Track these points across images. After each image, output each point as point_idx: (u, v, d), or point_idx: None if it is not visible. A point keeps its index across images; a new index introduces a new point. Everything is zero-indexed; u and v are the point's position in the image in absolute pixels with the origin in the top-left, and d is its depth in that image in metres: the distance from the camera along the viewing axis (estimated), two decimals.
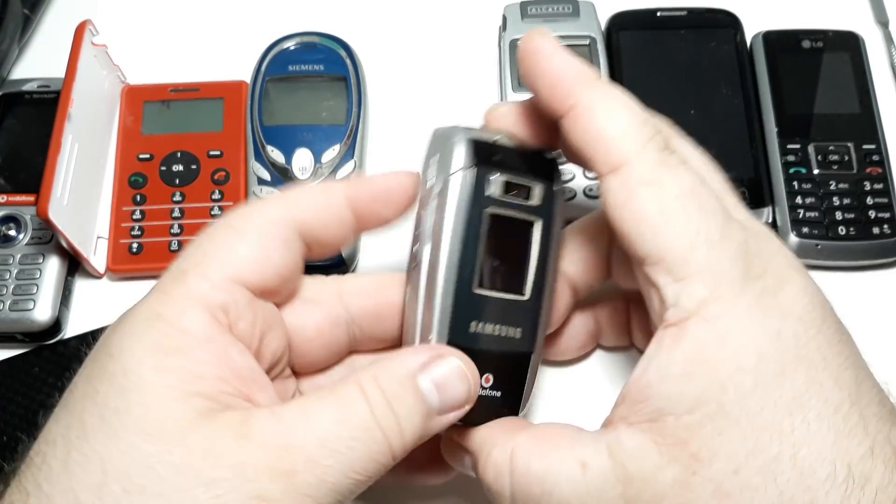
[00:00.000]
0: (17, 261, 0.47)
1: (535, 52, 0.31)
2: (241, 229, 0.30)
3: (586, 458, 0.28)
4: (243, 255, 0.29)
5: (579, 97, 0.30)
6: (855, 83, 0.51)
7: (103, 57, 0.51)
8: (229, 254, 0.29)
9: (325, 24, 0.54)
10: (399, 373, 0.28)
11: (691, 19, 0.54)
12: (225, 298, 0.28)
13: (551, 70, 0.30)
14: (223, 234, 0.30)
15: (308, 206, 0.31)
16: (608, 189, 0.29)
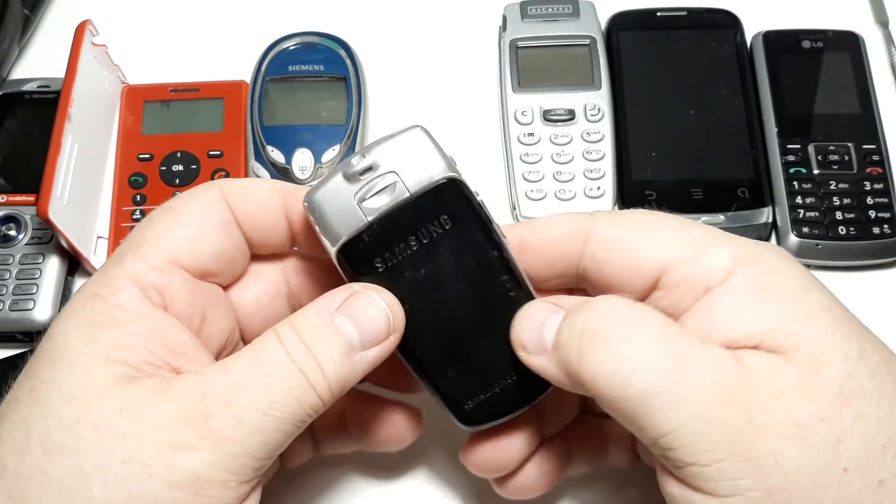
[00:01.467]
0: (17, 260, 0.47)
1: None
2: (179, 211, 0.30)
3: (705, 340, 0.27)
4: (180, 237, 0.30)
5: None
6: (855, 83, 0.51)
7: (103, 57, 0.51)
8: (166, 236, 0.30)
9: (325, 24, 0.54)
10: (314, 314, 0.28)
11: (691, 19, 0.54)
12: (160, 279, 0.29)
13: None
14: (162, 217, 0.30)
15: (244, 198, 0.31)
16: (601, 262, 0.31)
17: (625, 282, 0.30)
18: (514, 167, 0.49)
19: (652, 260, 0.29)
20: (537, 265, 0.32)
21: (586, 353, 0.27)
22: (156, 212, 0.31)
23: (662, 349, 0.26)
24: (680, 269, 0.29)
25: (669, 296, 0.29)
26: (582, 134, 0.50)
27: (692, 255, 0.29)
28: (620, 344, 0.27)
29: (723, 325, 0.27)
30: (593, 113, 0.50)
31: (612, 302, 0.28)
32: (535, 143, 0.50)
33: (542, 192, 0.49)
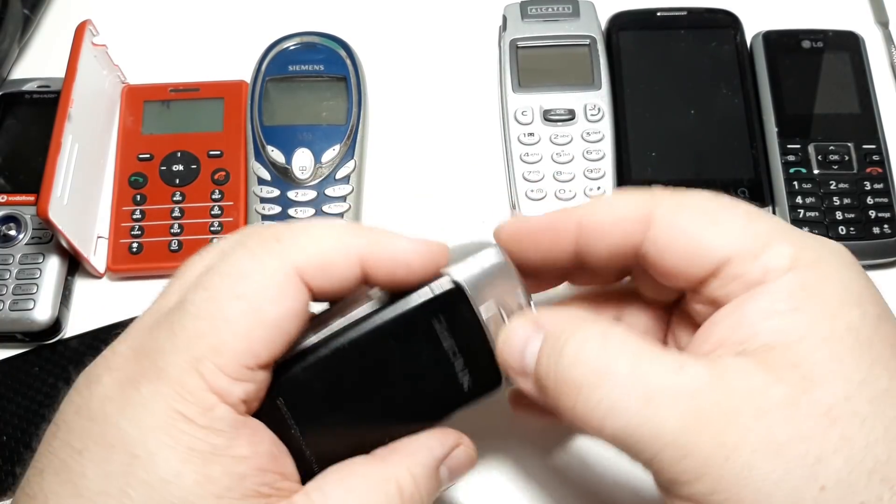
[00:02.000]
0: (17, 260, 0.47)
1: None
2: (256, 304, 0.27)
3: (684, 362, 0.27)
4: (260, 337, 0.27)
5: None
6: (855, 83, 0.51)
7: (103, 57, 0.51)
8: (245, 338, 0.26)
9: (325, 24, 0.54)
10: (427, 465, 0.31)
11: (691, 19, 0.54)
12: (244, 389, 0.27)
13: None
14: (235, 310, 0.27)
15: (324, 275, 0.28)
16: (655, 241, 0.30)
17: (684, 270, 0.30)
18: (514, 167, 0.49)
19: (715, 251, 0.29)
20: (597, 249, 0.31)
21: (561, 396, 0.28)
22: (223, 297, 0.27)
23: (632, 390, 0.26)
24: (740, 264, 0.28)
25: (726, 287, 0.29)
26: (582, 134, 0.50)
27: (754, 250, 0.28)
28: (591, 390, 0.27)
29: (749, 324, 0.27)
30: (593, 113, 0.50)
31: (582, 342, 0.28)
32: (536, 143, 0.50)
33: (542, 192, 0.49)
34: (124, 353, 0.27)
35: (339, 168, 0.49)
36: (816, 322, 0.27)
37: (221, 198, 0.49)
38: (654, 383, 0.26)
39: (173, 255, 0.48)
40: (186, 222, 0.49)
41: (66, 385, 0.45)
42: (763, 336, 0.27)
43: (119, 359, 0.27)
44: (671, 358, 0.27)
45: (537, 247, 0.32)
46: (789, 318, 0.27)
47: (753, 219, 0.29)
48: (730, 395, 0.26)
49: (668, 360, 0.27)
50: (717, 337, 0.28)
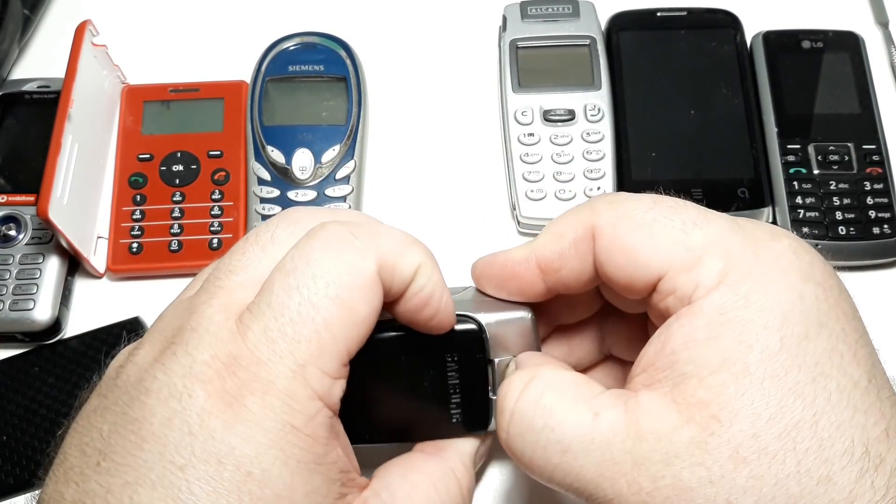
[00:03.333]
0: (17, 260, 0.47)
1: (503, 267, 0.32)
2: (351, 306, 0.26)
3: (600, 409, 0.27)
4: (355, 335, 0.27)
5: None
6: (855, 83, 0.51)
7: (103, 57, 0.51)
8: (343, 339, 0.26)
9: (325, 25, 0.54)
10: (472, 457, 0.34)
11: (691, 19, 0.54)
12: (340, 386, 0.27)
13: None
14: (333, 313, 0.26)
15: (389, 258, 0.28)
16: (601, 253, 0.30)
17: (627, 284, 0.29)
18: (514, 167, 0.49)
19: (649, 265, 0.28)
20: (564, 279, 0.31)
21: (510, 449, 0.29)
22: (318, 300, 0.26)
23: (549, 444, 0.27)
24: (673, 278, 0.28)
25: (664, 301, 0.29)
26: (582, 134, 0.50)
27: (687, 264, 0.28)
28: (515, 440, 0.29)
29: (670, 351, 0.27)
30: (593, 113, 0.50)
31: (504, 393, 0.29)
32: (535, 144, 0.50)
33: (542, 193, 0.49)
34: (211, 362, 0.25)
35: (339, 168, 0.49)
36: (730, 354, 0.26)
37: (221, 198, 0.49)
38: (569, 435, 0.27)
39: (173, 255, 0.48)
40: (186, 222, 0.49)
41: (65, 384, 0.45)
42: (680, 366, 0.27)
43: (208, 369, 0.25)
44: (588, 405, 0.28)
45: (507, 291, 0.33)
46: (705, 349, 0.26)
47: (689, 228, 0.28)
48: (641, 440, 0.26)
49: (584, 408, 0.27)
50: (645, 360, 0.28)
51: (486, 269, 0.33)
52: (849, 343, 0.26)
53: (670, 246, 0.28)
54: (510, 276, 0.32)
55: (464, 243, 0.49)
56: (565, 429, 0.27)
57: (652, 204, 0.29)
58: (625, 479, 0.26)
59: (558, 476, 0.27)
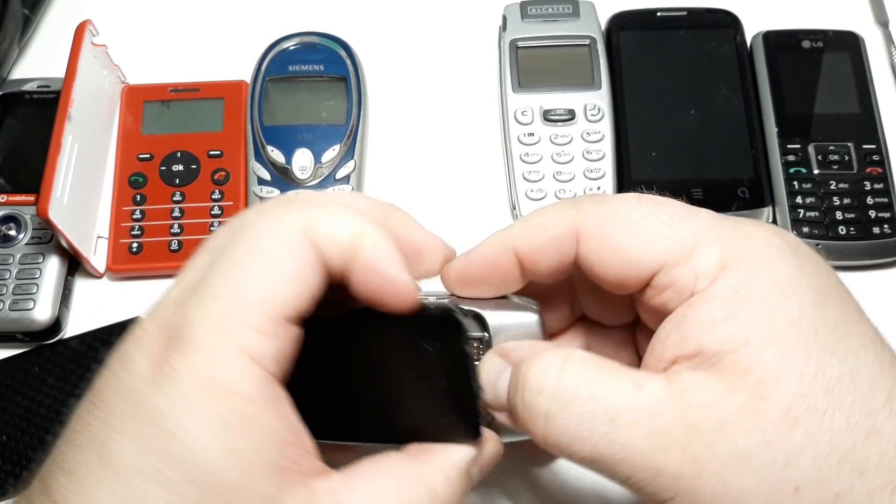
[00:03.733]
0: (17, 260, 0.47)
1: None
2: (267, 253, 0.26)
3: (643, 381, 0.27)
4: (280, 287, 0.26)
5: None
6: (855, 83, 0.51)
7: (103, 57, 0.51)
8: (266, 288, 0.26)
9: (325, 25, 0.54)
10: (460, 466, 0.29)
11: (691, 19, 0.54)
12: (276, 346, 0.26)
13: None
14: (251, 262, 0.26)
15: (321, 220, 0.28)
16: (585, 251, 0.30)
17: (618, 282, 0.30)
18: (514, 167, 0.49)
19: (641, 262, 0.29)
20: (540, 272, 0.31)
21: (531, 426, 0.28)
22: (235, 252, 0.26)
23: (596, 414, 0.27)
24: (669, 272, 0.28)
25: (660, 296, 0.29)
26: (582, 134, 0.50)
27: (680, 257, 0.28)
28: (556, 417, 0.27)
29: (694, 338, 0.27)
30: (593, 113, 0.50)
31: (543, 369, 0.28)
32: (536, 143, 0.50)
33: (542, 192, 0.49)
34: (152, 330, 0.26)
35: (339, 168, 0.49)
36: (756, 324, 0.26)
37: (221, 198, 0.49)
38: (616, 404, 0.27)
39: (173, 255, 0.48)
40: (186, 222, 0.49)
41: (65, 384, 0.45)
42: (709, 347, 0.27)
43: (148, 337, 0.26)
44: (630, 377, 0.27)
45: (488, 284, 0.32)
46: (730, 325, 0.27)
47: (677, 222, 0.29)
48: (690, 409, 0.26)
49: (627, 380, 0.27)
50: (667, 354, 0.28)
51: (465, 268, 0.32)
52: (853, 307, 0.27)
53: (661, 241, 0.28)
54: (491, 268, 0.32)
55: (464, 243, 0.49)
56: (613, 397, 0.27)
57: (637, 202, 0.30)
58: (678, 447, 0.26)
59: (603, 447, 0.26)
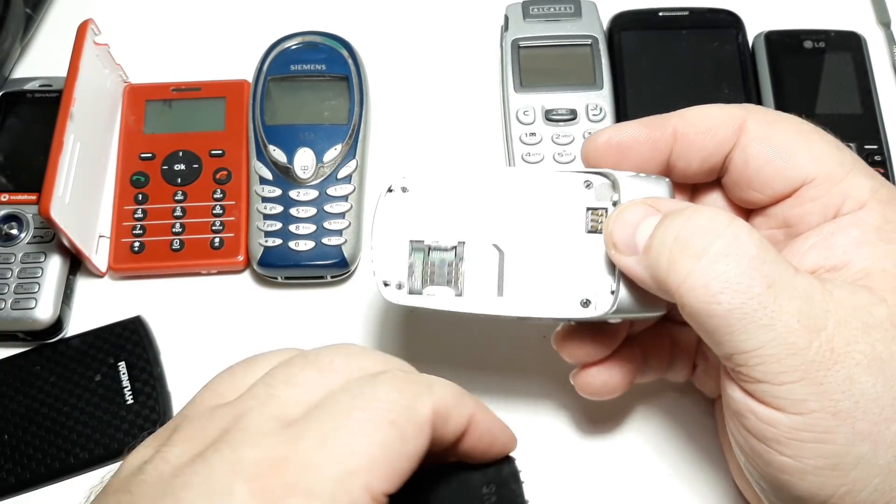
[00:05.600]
0: (18, 259, 0.47)
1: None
2: (402, 430, 0.25)
3: (798, 269, 0.28)
4: (399, 467, 0.25)
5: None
6: (857, 83, 0.51)
7: (105, 56, 0.51)
8: (390, 464, 0.25)
9: (327, 24, 0.54)
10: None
11: (693, 19, 0.54)
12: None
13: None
14: (389, 436, 0.25)
15: (442, 404, 0.27)
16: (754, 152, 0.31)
17: (766, 182, 0.30)
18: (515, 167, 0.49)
19: (801, 168, 0.30)
20: (688, 155, 0.32)
21: (677, 262, 0.28)
22: (379, 420, 0.25)
23: (756, 272, 0.27)
24: (821, 186, 0.29)
25: (800, 207, 0.30)
26: (584, 134, 0.50)
27: (836, 177, 0.29)
28: (716, 259, 0.27)
29: (842, 252, 0.28)
30: (595, 113, 0.50)
31: (713, 214, 0.28)
32: (537, 143, 0.50)
33: None
34: (259, 462, 0.24)
35: (341, 167, 0.49)
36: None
37: (223, 197, 0.49)
38: (777, 273, 0.27)
39: (175, 254, 0.48)
40: (188, 221, 0.49)
41: (67, 383, 0.45)
42: (858, 263, 0.28)
43: (255, 468, 0.24)
44: (787, 260, 0.28)
45: (633, 158, 0.33)
46: (882, 249, 0.28)
47: (842, 148, 0.30)
48: (839, 306, 0.27)
49: (785, 260, 0.28)
50: (807, 264, 0.29)
51: (616, 134, 0.33)
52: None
53: (826, 156, 0.30)
54: (644, 140, 0.33)
55: None
56: (775, 267, 0.27)
57: (803, 120, 0.31)
58: (819, 339, 0.26)
59: (750, 307, 0.26)
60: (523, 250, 0.34)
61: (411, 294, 0.34)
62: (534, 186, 0.34)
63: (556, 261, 0.33)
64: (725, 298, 0.27)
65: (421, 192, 0.35)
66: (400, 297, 0.34)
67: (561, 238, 0.33)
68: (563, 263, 0.33)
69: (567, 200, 0.33)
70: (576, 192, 0.33)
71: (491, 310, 0.34)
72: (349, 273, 0.49)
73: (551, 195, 0.34)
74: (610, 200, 0.33)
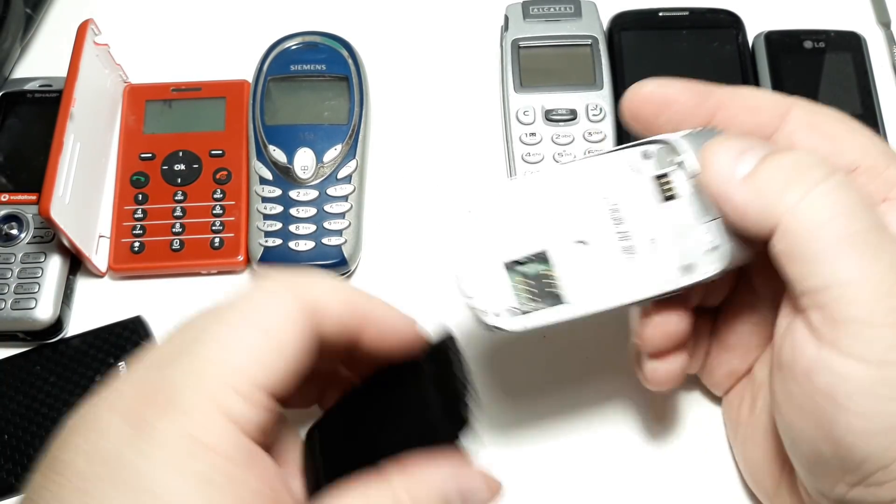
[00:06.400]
0: (18, 259, 0.47)
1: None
2: (264, 326, 0.26)
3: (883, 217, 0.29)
4: (271, 362, 0.26)
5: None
6: (857, 84, 0.51)
7: (105, 56, 0.51)
8: (257, 361, 0.26)
9: (327, 24, 0.54)
10: (431, 488, 0.28)
11: (693, 19, 0.54)
12: (261, 417, 0.26)
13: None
14: (249, 335, 0.26)
15: (322, 299, 0.28)
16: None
17: None
18: (515, 167, 0.49)
19: (847, 155, 0.30)
20: (727, 128, 0.32)
21: (794, 184, 0.27)
22: (237, 324, 0.26)
23: (869, 210, 0.27)
24: (867, 174, 0.29)
25: None
26: (584, 134, 0.50)
27: (882, 166, 0.29)
28: (833, 188, 0.27)
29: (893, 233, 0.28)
30: (595, 113, 0.50)
31: (818, 156, 0.29)
32: (537, 143, 0.50)
33: None
34: (128, 391, 0.26)
35: (341, 168, 0.49)
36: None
37: (223, 197, 0.49)
38: (883, 221, 0.28)
39: (175, 254, 0.48)
40: (188, 222, 0.49)
41: (66, 383, 0.45)
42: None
43: (123, 398, 0.26)
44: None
45: (671, 117, 0.32)
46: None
47: (880, 140, 0.31)
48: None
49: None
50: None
51: (665, 85, 0.33)
52: None
53: (870, 146, 0.30)
54: (690, 97, 0.32)
55: None
56: (879, 213, 0.28)
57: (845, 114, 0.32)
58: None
59: (856, 240, 0.27)
60: (607, 237, 0.33)
61: (525, 315, 0.32)
62: (593, 173, 0.33)
63: (642, 238, 0.32)
64: (839, 223, 0.27)
65: (486, 210, 0.33)
66: (517, 323, 0.32)
67: (638, 214, 0.33)
68: (650, 238, 0.32)
69: (630, 177, 0.33)
70: (636, 166, 0.33)
71: (600, 306, 0.32)
72: (349, 273, 0.49)
73: (614, 177, 0.33)
74: (673, 164, 0.32)
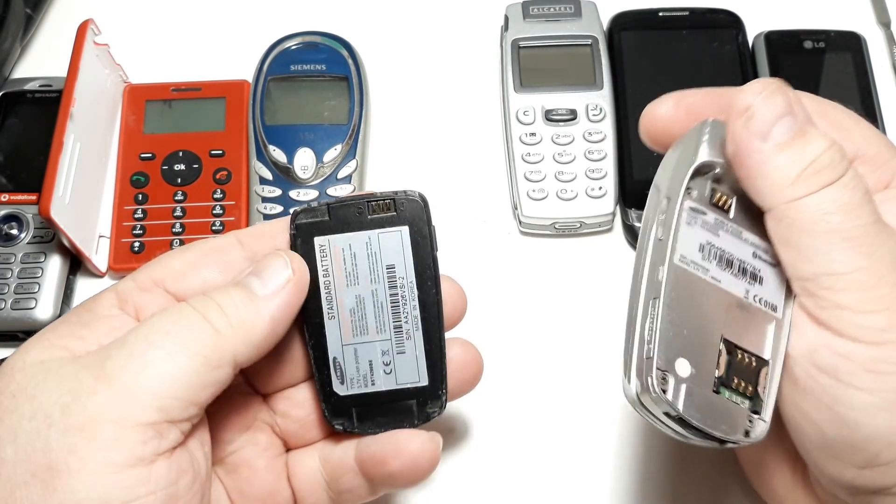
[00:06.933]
0: (18, 259, 0.47)
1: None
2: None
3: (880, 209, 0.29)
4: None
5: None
6: (857, 83, 0.51)
7: (105, 56, 0.51)
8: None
9: (327, 24, 0.54)
10: (231, 294, 0.30)
11: (693, 19, 0.54)
12: (142, 296, 0.31)
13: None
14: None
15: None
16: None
17: None
18: (515, 167, 0.49)
19: (853, 143, 0.30)
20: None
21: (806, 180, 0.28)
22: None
23: (870, 205, 0.28)
24: (871, 163, 0.30)
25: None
26: (584, 134, 0.50)
27: (886, 156, 0.30)
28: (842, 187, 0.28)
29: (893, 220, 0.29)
30: (595, 113, 0.50)
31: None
32: (537, 143, 0.50)
33: (543, 192, 0.49)
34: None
35: (341, 167, 0.49)
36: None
37: (223, 197, 0.49)
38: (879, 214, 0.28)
39: None
40: (188, 222, 0.49)
41: None
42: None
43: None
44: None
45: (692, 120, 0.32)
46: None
47: (881, 133, 0.32)
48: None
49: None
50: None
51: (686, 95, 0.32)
52: None
53: (874, 136, 0.31)
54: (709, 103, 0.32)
55: (465, 243, 0.49)
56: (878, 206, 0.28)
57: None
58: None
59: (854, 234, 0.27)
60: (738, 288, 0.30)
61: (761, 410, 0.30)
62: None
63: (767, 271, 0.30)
64: (836, 220, 0.27)
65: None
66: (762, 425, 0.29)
67: (738, 250, 0.30)
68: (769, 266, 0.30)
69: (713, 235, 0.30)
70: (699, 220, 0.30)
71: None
72: None
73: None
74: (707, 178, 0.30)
